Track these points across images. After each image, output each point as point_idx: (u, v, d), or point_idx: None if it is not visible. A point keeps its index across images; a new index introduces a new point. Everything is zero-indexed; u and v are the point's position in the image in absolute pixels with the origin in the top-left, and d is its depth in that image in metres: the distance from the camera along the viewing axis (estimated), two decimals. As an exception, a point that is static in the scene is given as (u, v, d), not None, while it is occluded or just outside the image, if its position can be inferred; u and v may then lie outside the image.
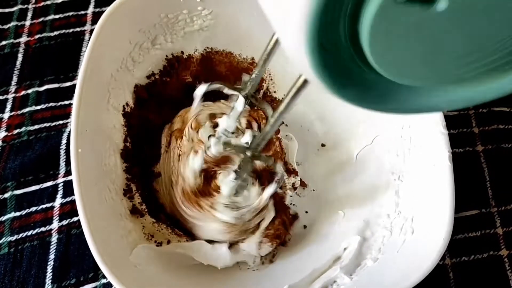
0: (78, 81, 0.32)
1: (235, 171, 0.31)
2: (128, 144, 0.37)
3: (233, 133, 0.34)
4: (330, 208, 0.39)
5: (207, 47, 0.42)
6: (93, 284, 0.36)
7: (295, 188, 0.40)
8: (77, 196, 0.29)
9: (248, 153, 0.30)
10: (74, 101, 0.31)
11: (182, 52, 0.41)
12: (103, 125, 0.35)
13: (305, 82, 0.21)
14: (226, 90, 0.32)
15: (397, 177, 0.35)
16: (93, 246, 0.28)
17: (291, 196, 0.39)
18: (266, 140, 0.28)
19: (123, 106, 0.37)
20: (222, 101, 0.39)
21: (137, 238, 0.33)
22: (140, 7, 0.36)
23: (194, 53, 0.41)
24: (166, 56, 0.40)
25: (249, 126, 0.37)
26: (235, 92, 0.32)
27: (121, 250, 0.31)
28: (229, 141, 0.33)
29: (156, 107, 0.40)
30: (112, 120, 0.36)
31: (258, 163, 0.31)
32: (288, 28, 0.13)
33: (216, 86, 0.32)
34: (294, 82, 0.21)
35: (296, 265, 0.35)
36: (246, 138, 0.33)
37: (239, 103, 0.32)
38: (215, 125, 0.36)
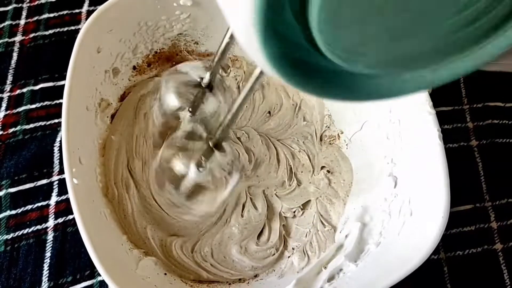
0: (64, 99, 0.31)
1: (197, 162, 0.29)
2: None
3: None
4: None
5: (188, 51, 0.42)
6: (90, 282, 0.36)
7: None
8: (76, 215, 0.28)
9: (210, 142, 0.28)
10: (63, 119, 0.31)
11: (164, 58, 0.41)
12: (94, 140, 0.35)
13: (261, 73, 0.20)
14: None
15: (390, 160, 0.35)
16: (99, 264, 0.27)
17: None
18: (225, 128, 0.27)
19: (111, 117, 0.37)
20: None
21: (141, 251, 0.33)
22: (119, 17, 0.35)
23: (176, 57, 0.41)
24: (149, 62, 0.40)
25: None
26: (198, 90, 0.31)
27: (127, 264, 0.31)
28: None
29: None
30: (102, 133, 0.36)
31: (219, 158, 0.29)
32: (239, 14, 0.13)
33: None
34: (252, 74, 0.21)
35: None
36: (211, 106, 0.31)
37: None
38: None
